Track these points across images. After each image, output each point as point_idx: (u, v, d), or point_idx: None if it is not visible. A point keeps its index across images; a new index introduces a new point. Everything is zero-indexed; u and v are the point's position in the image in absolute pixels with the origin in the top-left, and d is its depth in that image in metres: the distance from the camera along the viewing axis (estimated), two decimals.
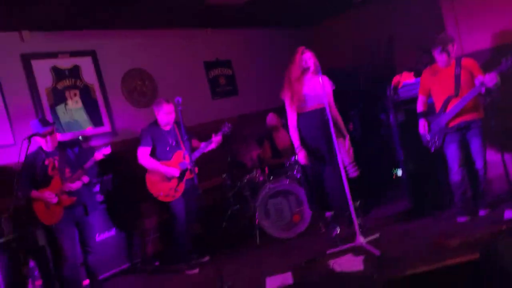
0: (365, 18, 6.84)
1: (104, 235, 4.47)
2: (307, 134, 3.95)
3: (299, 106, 3.92)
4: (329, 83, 3.96)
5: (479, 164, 3.76)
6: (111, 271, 4.43)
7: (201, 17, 5.58)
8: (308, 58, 3.86)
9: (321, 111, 3.80)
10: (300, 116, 3.94)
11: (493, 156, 3.97)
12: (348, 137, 3.99)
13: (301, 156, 3.92)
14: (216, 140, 4.23)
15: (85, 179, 3.80)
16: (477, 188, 3.86)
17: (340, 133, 3.96)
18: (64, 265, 3.73)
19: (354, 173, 3.91)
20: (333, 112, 3.94)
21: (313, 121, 3.87)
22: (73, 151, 3.84)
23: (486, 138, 3.73)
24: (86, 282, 4.01)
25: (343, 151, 3.91)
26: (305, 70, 3.86)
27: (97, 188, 4.42)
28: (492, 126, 3.32)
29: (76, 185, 3.73)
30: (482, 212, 3.81)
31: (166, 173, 4.10)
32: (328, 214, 4.07)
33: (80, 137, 4.16)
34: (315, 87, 3.78)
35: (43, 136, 3.68)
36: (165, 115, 4.14)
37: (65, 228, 3.74)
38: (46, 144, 3.72)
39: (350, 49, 6.84)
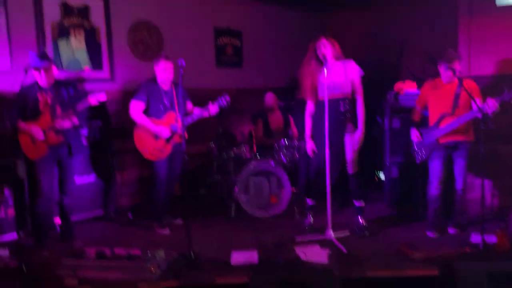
0: (382, 17, 6.80)
1: (83, 179, 4.51)
2: (316, 124, 3.91)
3: (315, 95, 3.88)
4: (356, 69, 3.83)
5: (459, 185, 3.84)
6: (84, 215, 4.50)
7: None
8: (322, 45, 3.77)
9: (337, 101, 3.70)
10: (316, 104, 3.93)
11: (473, 179, 4.06)
12: (361, 133, 3.85)
13: (308, 147, 3.97)
14: (211, 109, 4.23)
15: (75, 120, 3.79)
16: (452, 207, 3.95)
17: (354, 126, 3.86)
18: (39, 201, 3.77)
19: (351, 170, 3.89)
20: (358, 102, 3.85)
21: (325, 111, 3.71)
22: (68, 91, 3.81)
23: (470, 161, 3.81)
24: (58, 221, 4.07)
25: (349, 146, 3.85)
26: (321, 58, 3.77)
27: (84, 132, 4.43)
28: (479, 151, 3.37)
29: (66, 124, 3.73)
30: (451, 231, 3.92)
31: (155, 131, 4.11)
32: (309, 202, 4.13)
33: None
34: (333, 75, 3.68)
35: (39, 70, 3.65)
36: (162, 71, 4.11)
37: (46, 165, 3.76)
38: (41, 78, 3.69)
39: (362, 45, 6.80)
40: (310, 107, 3.98)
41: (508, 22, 4.12)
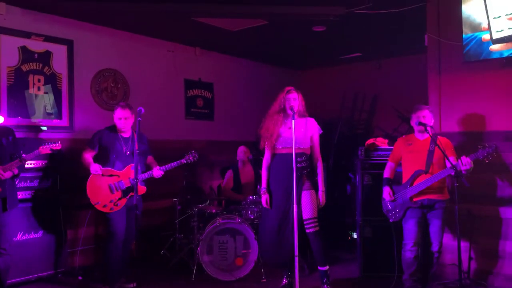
0: (352, 75, 6.88)
1: (28, 235, 4.08)
2: (274, 176, 3.71)
3: (275, 146, 3.69)
4: (315, 127, 3.73)
5: (435, 247, 3.61)
6: (26, 276, 4.02)
7: (189, 35, 5.43)
8: (292, 98, 3.66)
9: (296, 155, 3.45)
10: (275, 156, 3.72)
11: (449, 240, 3.83)
12: (321, 192, 3.65)
13: (263, 199, 3.71)
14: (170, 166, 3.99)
15: (15, 170, 3.46)
16: (428, 271, 3.69)
17: (313, 184, 3.66)
18: None
19: (311, 229, 3.59)
20: (316, 159, 3.71)
21: (284, 165, 3.58)
22: (7, 139, 3.51)
23: (446, 221, 3.61)
24: None
25: (306, 204, 3.59)
26: (287, 110, 3.64)
27: (21, 183, 4.05)
28: (455, 211, 3.19)
29: (7, 175, 3.38)
30: None
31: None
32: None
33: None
34: (296, 130, 3.48)
35: None
36: (117, 120, 3.91)
37: None
38: None
39: (333, 101, 6.82)
40: (267, 157, 3.77)
41: (476, 79, 4.10)
